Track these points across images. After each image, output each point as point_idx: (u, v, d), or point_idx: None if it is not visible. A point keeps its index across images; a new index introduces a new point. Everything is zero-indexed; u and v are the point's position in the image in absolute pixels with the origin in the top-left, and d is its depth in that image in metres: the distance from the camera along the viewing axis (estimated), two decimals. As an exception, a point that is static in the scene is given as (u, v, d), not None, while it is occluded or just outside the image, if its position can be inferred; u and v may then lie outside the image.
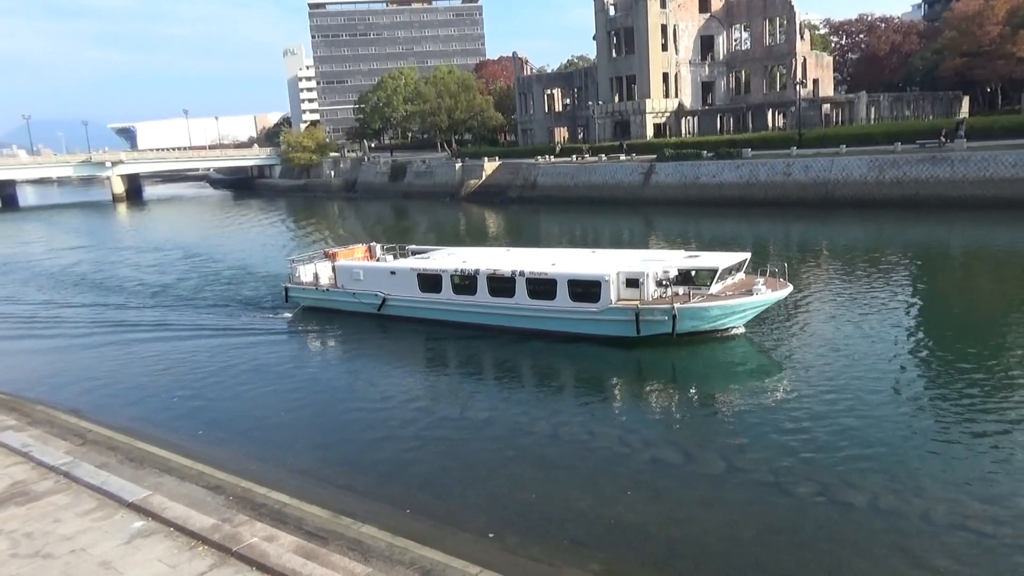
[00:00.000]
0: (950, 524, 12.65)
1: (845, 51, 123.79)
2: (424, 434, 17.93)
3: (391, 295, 28.67)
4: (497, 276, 25.75)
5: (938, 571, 11.43)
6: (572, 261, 26.43)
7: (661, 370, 22.41)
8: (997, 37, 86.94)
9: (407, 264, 29.04)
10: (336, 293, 30.60)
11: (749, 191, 63.14)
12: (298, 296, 31.98)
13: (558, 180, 79.56)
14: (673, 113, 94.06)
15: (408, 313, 28.44)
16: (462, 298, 26.77)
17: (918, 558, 11.79)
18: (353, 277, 29.93)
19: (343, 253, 32.72)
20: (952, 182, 53.15)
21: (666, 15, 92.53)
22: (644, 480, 14.96)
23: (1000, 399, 17.90)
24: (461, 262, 27.55)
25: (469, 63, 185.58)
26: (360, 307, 29.68)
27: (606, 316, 23.69)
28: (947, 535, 12.36)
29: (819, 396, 18.63)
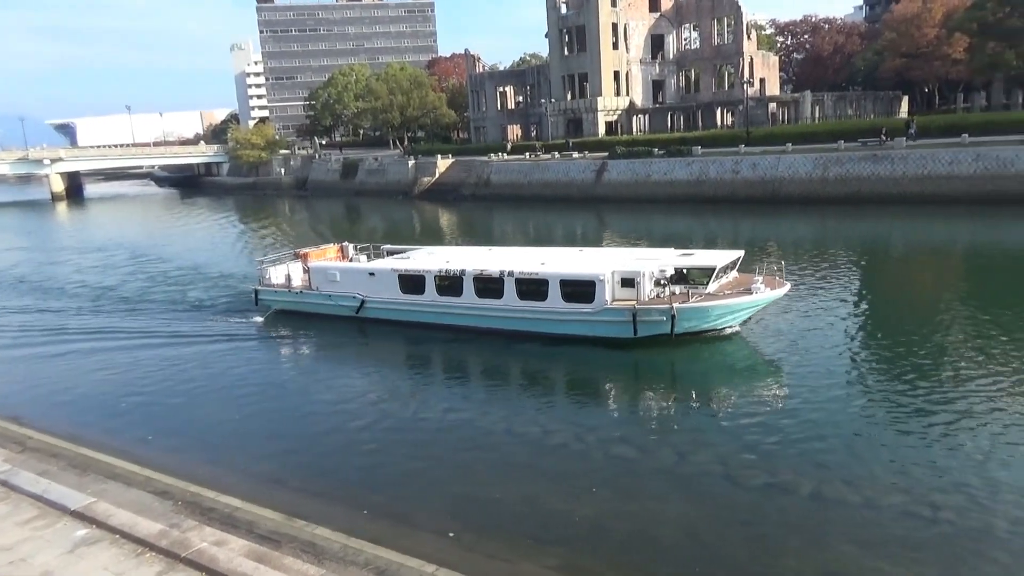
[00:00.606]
0: (901, 511, 13.09)
1: (790, 51, 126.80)
2: (390, 436, 17.72)
3: (370, 297, 27.59)
4: (484, 276, 24.90)
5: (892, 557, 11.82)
6: (562, 260, 25.61)
7: (659, 371, 21.83)
8: (934, 39, 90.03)
9: (387, 264, 27.97)
10: (310, 295, 29.33)
11: (699, 188, 64.17)
12: (269, 299, 30.58)
13: (511, 178, 79.69)
14: (625, 111, 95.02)
15: (388, 316, 27.39)
16: (447, 300, 25.82)
17: (874, 548, 12.17)
18: (329, 278, 28.68)
19: (315, 253, 31.47)
20: (892, 179, 54.87)
21: (617, 14, 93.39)
22: (614, 479, 14.97)
23: (948, 390, 18.44)
24: (445, 262, 26.57)
25: (421, 60, 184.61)
26: (337, 310, 28.52)
27: (601, 317, 22.99)
28: (896, 523, 12.77)
29: (820, 396, 18.44)
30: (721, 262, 23.60)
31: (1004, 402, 17.37)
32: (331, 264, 29.89)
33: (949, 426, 16.42)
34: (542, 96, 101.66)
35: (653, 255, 25.43)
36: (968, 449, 15.25)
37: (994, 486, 13.58)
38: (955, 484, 13.82)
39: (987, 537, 12.16)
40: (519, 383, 22.24)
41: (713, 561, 12.03)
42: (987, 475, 14.01)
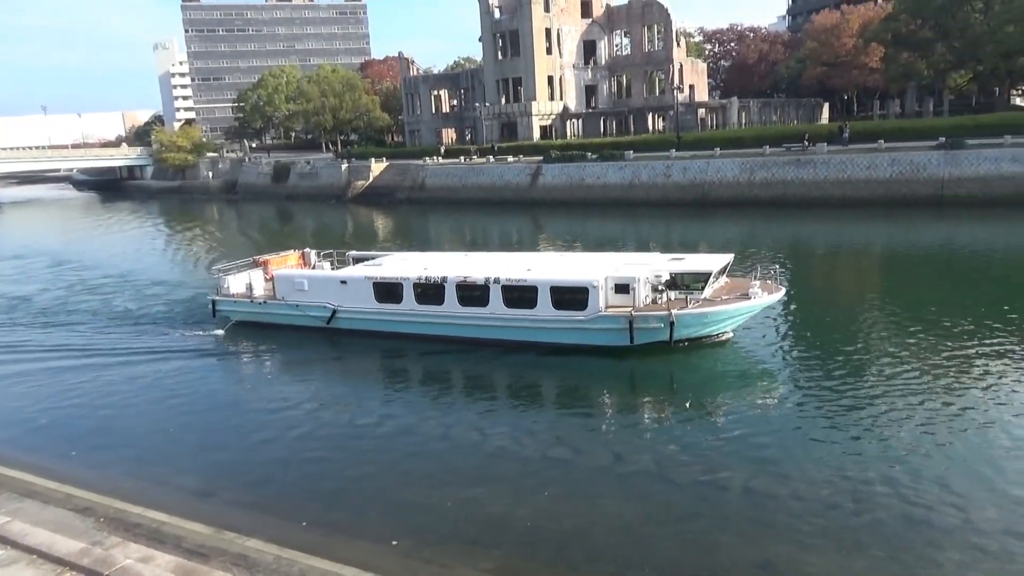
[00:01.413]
0: (829, 506, 13.58)
1: (718, 58, 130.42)
2: (339, 447, 17.33)
3: (342, 307, 26.06)
4: (468, 284, 23.75)
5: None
6: (549, 266, 24.74)
7: (658, 380, 21.27)
8: (852, 49, 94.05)
9: (361, 272, 26.45)
10: (275, 306, 27.51)
11: (632, 192, 65.28)
12: (228, 310, 28.56)
13: (447, 181, 79.48)
14: (558, 115, 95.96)
15: (362, 326, 25.93)
16: (427, 308, 24.53)
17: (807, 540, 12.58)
18: (296, 287, 26.96)
19: (275, 261, 30.09)
20: (815, 183, 56.97)
21: (550, 19, 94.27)
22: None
23: (878, 389, 19.08)
24: (423, 269, 25.37)
25: (354, 62, 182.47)
26: (305, 320, 26.83)
27: (595, 325, 22.13)
28: (822, 516, 13.24)
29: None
30: (715, 267, 23.05)
31: (935, 396, 18.17)
32: (298, 272, 28.34)
33: (877, 424, 17.12)
34: (477, 100, 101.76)
35: (642, 260, 24.79)
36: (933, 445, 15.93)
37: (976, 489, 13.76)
38: (873, 479, 14.43)
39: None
40: (492, 392, 21.31)
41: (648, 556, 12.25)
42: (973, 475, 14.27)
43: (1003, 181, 50.22)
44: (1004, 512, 12.94)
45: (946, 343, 21.96)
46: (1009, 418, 16.65)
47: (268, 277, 29.01)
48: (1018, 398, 17.74)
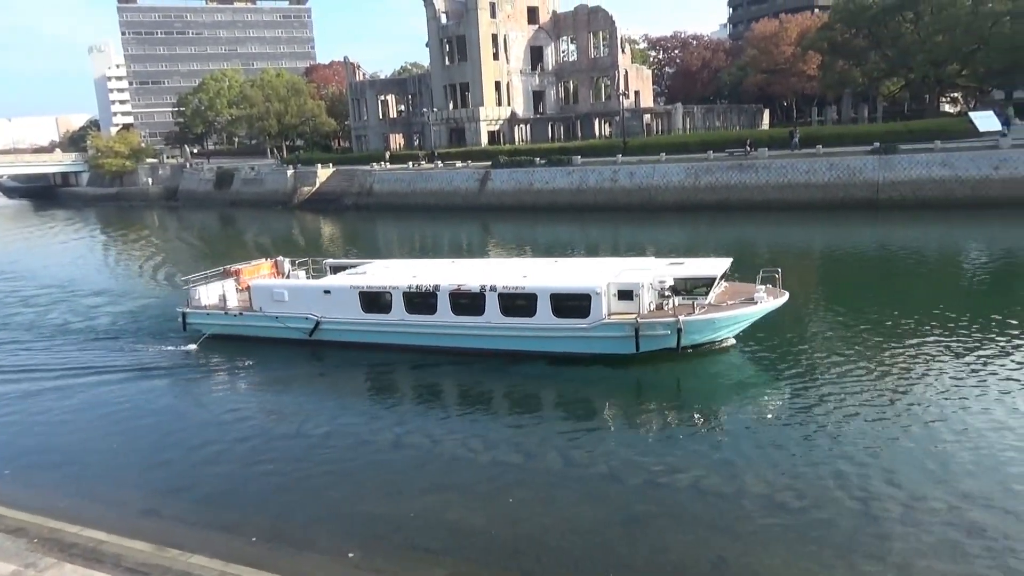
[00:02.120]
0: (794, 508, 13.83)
1: (662, 65, 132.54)
2: (300, 461, 16.82)
3: (326, 318, 24.90)
4: (463, 292, 22.85)
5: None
6: (546, 273, 23.92)
7: (665, 389, 20.78)
8: (790, 57, 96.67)
9: (346, 281, 25.31)
10: (253, 317, 26.18)
11: (580, 196, 65.83)
12: (201, 323, 27.05)
13: (395, 187, 78.92)
14: (506, 121, 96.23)
15: (348, 338, 24.87)
16: (418, 318, 23.60)
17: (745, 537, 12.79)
18: (275, 298, 25.69)
19: (247, 270, 28.80)
20: (757, 187, 58.36)
21: (497, 25, 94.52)
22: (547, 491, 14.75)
23: (836, 390, 19.49)
24: (411, 277, 24.41)
25: (299, 66, 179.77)
26: (285, 333, 25.58)
27: (599, 332, 21.42)
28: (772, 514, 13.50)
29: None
30: (719, 271, 22.54)
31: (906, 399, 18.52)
32: (277, 282, 27.15)
33: (827, 426, 17.56)
34: (425, 105, 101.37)
35: (640, 264, 24.20)
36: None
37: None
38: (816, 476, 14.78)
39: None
40: (485, 404, 20.44)
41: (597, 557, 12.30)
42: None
43: (933, 184, 52.27)
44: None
45: (890, 341, 22.70)
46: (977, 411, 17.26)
47: (241, 287, 27.77)
48: (965, 391, 18.41)
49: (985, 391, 18.35)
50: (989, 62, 71.27)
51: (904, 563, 11.69)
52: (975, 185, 51.05)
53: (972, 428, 16.31)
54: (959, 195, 51.17)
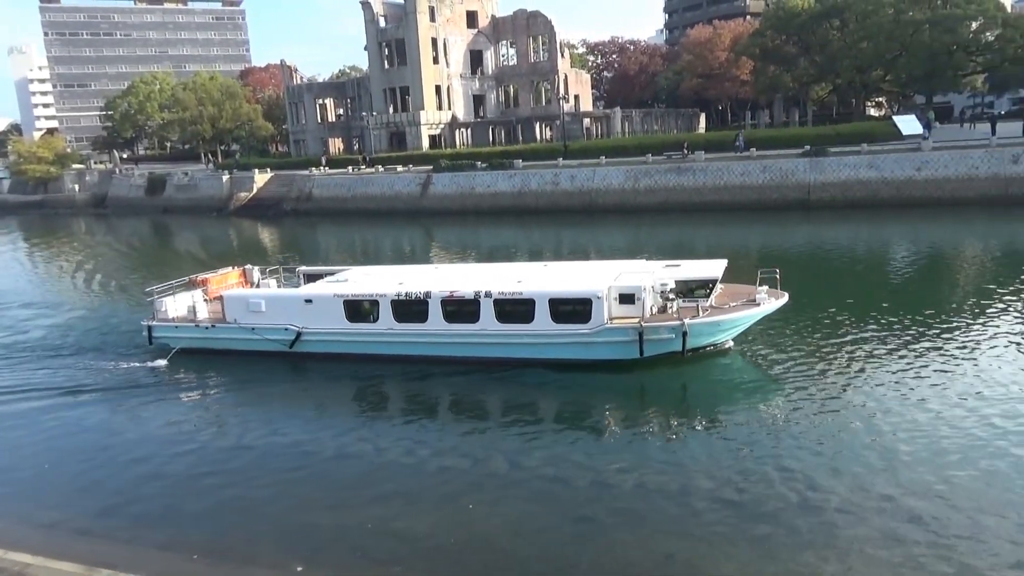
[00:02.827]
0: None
1: (601, 70, 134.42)
2: (238, 472, 16.32)
3: (308, 328, 23.68)
4: (456, 299, 22.00)
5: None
6: (541, 277, 23.17)
7: (671, 394, 20.26)
8: (724, 62, 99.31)
9: (329, 289, 24.06)
10: (226, 330, 24.71)
11: (522, 200, 66.07)
12: (168, 337, 25.42)
13: (335, 192, 77.79)
14: (447, 125, 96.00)
15: (332, 349, 23.70)
16: (408, 327, 22.58)
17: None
18: (251, 308, 24.31)
19: (215, 279, 27.40)
20: (695, 189, 59.58)
21: (436, 29, 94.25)
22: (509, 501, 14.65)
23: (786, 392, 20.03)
24: (398, 284, 23.40)
25: (233, 69, 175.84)
26: (263, 345, 24.21)
27: (601, 338, 20.83)
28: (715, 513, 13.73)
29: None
30: (719, 272, 22.15)
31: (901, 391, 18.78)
32: (254, 292, 25.75)
33: (762, 428, 17.94)
34: (363, 109, 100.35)
35: (637, 267, 23.48)
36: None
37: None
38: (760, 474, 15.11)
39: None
40: (479, 413, 19.79)
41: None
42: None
43: (860, 185, 54.27)
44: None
45: (837, 334, 23.42)
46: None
47: (209, 297, 26.41)
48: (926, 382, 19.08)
49: (923, 381, 19.12)
50: (910, 68, 74.48)
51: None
52: (899, 186, 53.20)
53: (911, 419, 16.85)
54: (885, 195, 53.25)
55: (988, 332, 23.02)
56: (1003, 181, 50.78)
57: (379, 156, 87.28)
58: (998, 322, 23.95)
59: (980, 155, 52.40)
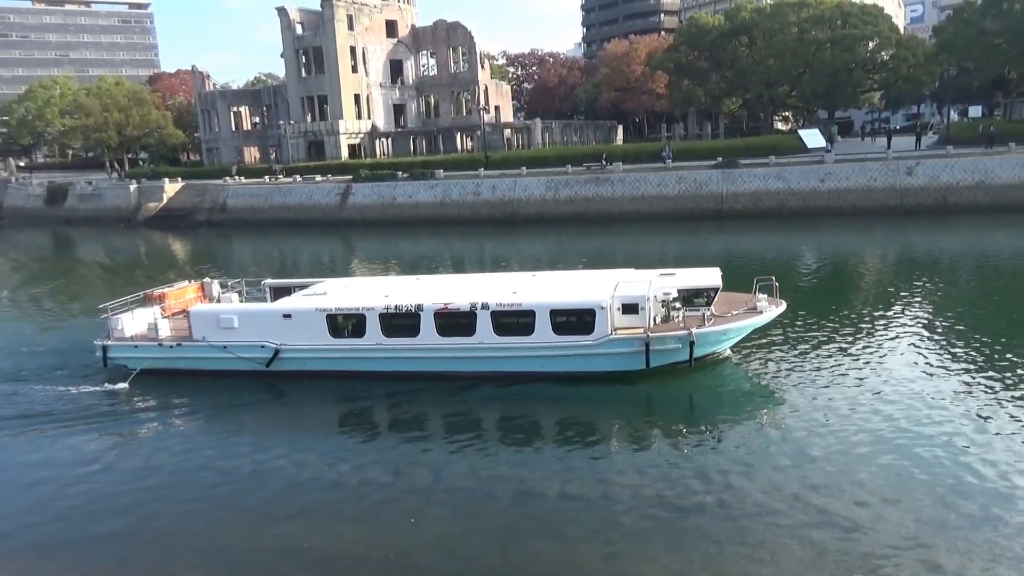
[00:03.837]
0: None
1: (521, 81, 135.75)
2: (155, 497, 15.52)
3: (287, 345, 22.30)
4: (450, 312, 21.13)
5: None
6: (537, 288, 22.39)
7: (680, 405, 19.88)
8: (640, 76, 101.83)
9: (310, 303, 22.69)
10: (194, 348, 22.99)
11: (443, 210, 65.88)
12: (127, 357, 23.61)
13: (250, 202, 75.62)
14: (367, 134, 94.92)
15: (314, 366, 22.40)
16: (398, 341, 21.54)
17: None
18: (222, 325, 22.69)
19: (173, 294, 25.71)
20: (613, 199, 60.77)
21: (355, 37, 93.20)
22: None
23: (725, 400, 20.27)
24: (384, 297, 22.35)
25: (141, 74, 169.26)
26: (237, 364, 22.68)
27: (606, 349, 20.34)
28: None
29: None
30: (719, 281, 21.84)
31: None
32: (226, 307, 24.18)
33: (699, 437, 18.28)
34: (280, 117, 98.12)
35: (632, 276, 22.82)
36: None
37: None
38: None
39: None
40: (480, 430, 18.89)
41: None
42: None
43: (769, 196, 56.53)
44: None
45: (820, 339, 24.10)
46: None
47: (167, 314, 24.80)
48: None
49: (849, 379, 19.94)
50: (813, 84, 78.18)
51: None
52: (805, 196, 55.67)
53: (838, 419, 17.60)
54: (792, 206, 55.61)
55: (889, 334, 24.33)
56: (899, 192, 53.85)
57: (297, 165, 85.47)
58: (895, 326, 25.31)
59: (878, 167, 55.44)
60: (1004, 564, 11.73)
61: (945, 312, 27.43)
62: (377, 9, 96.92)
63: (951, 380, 19.80)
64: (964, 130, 68.31)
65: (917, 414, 17.57)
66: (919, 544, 12.33)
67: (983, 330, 24.38)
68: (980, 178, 52.69)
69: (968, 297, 30.72)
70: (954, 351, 22.28)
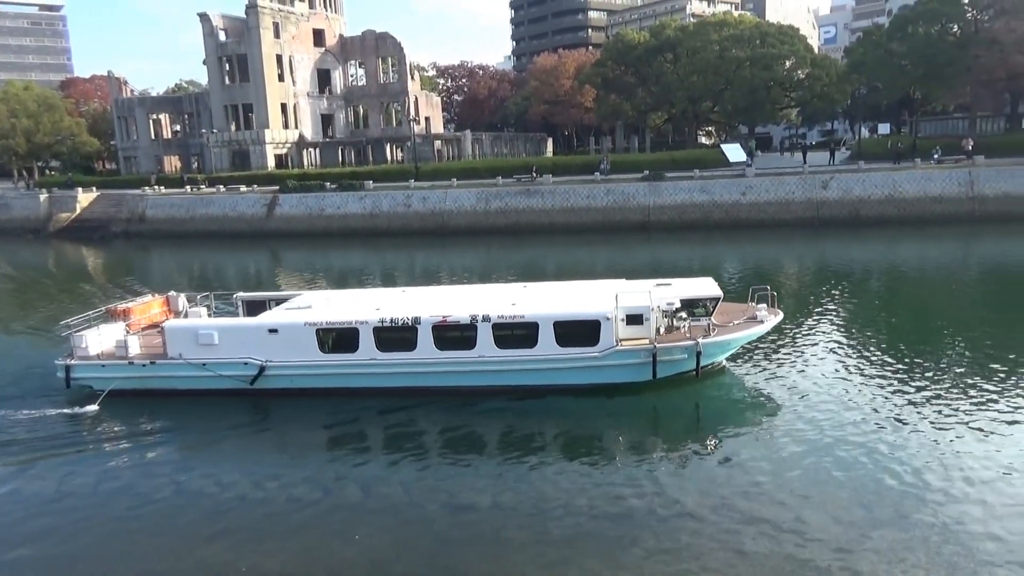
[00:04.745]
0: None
1: (451, 93, 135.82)
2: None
3: (273, 361, 21.23)
4: (449, 324, 20.54)
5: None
6: (536, 299, 21.93)
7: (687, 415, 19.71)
8: (569, 89, 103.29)
9: (298, 318, 21.65)
10: (170, 367, 21.67)
11: (373, 221, 65.17)
12: (94, 377, 22.05)
13: (171, 212, 73.11)
14: (294, 144, 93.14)
15: (303, 384, 21.38)
16: (393, 356, 20.81)
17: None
18: (201, 341, 21.48)
19: (137, 309, 24.38)
20: (544, 211, 61.34)
21: (281, 45, 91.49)
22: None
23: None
24: (375, 310, 21.53)
25: (52, 79, 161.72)
26: (218, 383, 21.45)
27: (612, 360, 20.11)
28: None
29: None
30: (719, 291, 21.84)
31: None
32: (205, 322, 22.89)
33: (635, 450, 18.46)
34: (203, 126, 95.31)
35: (628, 287, 22.51)
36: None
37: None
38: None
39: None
40: (481, 446, 18.20)
41: None
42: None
43: (695, 208, 58.12)
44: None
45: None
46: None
47: (133, 330, 23.49)
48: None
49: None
50: (734, 100, 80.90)
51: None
52: (728, 209, 57.47)
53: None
54: (716, 218, 57.32)
55: (812, 340, 25.34)
56: (815, 205, 56.18)
57: (221, 175, 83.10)
58: (817, 333, 26.35)
59: (795, 181, 57.72)
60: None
61: (857, 319, 28.83)
62: (304, 18, 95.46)
63: (871, 383, 20.72)
64: (874, 146, 71.85)
65: (851, 419, 18.28)
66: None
67: (894, 336, 25.72)
68: (889, 192, 55.49)
69: (879, 305, 32.27)
70: (868, 355, 23.36)
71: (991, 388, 19.73)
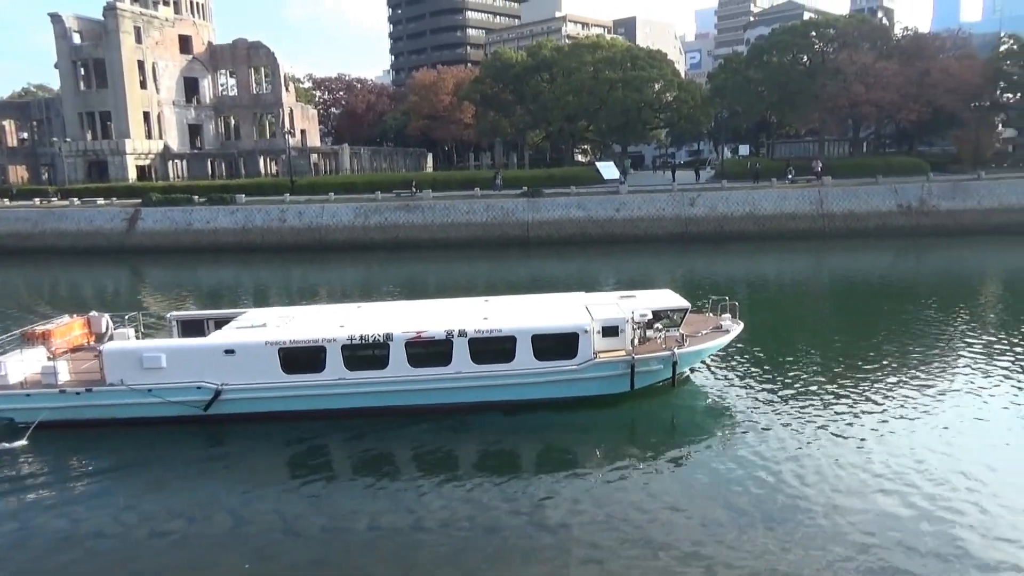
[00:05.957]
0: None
1: (328, 106, 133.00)
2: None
3: (230, 385, 19.62)
4: (423, 340, 19.68)
5: None
6: (510, 312, 21.41)
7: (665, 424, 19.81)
8: (448, 105, 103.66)
9: (258, 337, 20.05)
10: (109, 394, 19.61)
11: (246, 237, 62.64)
12: (17, 409, 19.64)
13: (16, 227, 67.22)
14: (158, 155, 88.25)
15: (264, 407, 19.84)
16: (363, 375, 19.71)
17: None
18: (146, 365, 19.55)
19: (57, 331, 21.97)
20: (423, 226, 61.09)
21: (143, 51, 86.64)
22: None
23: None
24: (339, 327, 20.36)
25: None
26: (165, 410, 19.66)
27: (590, 373, 19.98)
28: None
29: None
30: (686, 302, 22.26)
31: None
32: (149, 344, 20.76)
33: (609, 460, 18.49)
34: (55, 134, 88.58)
35: (598, 300, 22.55)
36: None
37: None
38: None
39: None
40: (461, 465, 17.60)
41: None
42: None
43: (572, 224, 59.67)
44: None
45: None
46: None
47: (54, 355, 21.21)
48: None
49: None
50: (608, 120, 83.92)
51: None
52: (603, 224, 59.37)
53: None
54: (593, 233, 59.06)
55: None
56: (683, 221, 59.04)
57: (75, 187, 77.40)
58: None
59: (665, 198, 60.46)
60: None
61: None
62: (169, 23, 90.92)
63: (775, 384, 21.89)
64: (735, 166, 76.48)
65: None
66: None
67: (763, 342, 27.28)
68: (749, 209, 59.18)
69: (751, 312, 34.13)
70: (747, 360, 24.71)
71: (853, 389, 21.31)
